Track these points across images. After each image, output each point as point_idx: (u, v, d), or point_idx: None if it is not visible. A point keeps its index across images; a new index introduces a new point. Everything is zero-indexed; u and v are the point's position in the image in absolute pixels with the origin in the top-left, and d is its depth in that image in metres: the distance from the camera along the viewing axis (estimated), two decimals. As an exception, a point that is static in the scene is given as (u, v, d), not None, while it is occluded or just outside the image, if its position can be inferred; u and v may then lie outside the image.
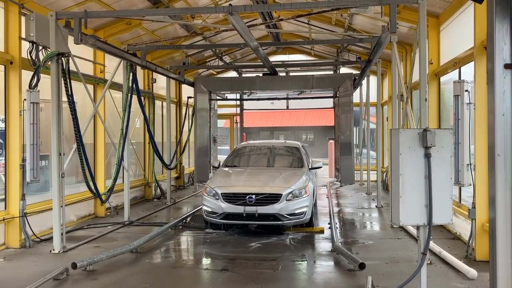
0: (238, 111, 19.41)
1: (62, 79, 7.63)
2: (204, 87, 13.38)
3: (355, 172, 16.20)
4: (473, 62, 7.08)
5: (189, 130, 15.65)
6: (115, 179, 9.75)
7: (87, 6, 8.93)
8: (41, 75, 7.56)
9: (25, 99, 7.42)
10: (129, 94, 10.01)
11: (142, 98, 10.96)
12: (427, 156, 4.58)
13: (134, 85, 10.12)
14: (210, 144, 13.78)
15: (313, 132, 40.75)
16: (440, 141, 4.63)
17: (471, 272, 6.01)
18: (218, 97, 16.22)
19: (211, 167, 10.98)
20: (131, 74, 10.05)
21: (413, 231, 8.30)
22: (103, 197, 9.57)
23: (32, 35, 7.34)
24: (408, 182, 4.59)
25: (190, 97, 15.28)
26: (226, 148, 20.66)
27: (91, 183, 8.68)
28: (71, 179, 10.51)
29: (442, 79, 9.55)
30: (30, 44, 7.40)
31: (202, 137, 13.53)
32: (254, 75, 17.59)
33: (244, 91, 15.47)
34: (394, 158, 4.68)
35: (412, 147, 4.62)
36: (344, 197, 13.77)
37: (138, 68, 11.09)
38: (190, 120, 15.40)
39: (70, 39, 7.72)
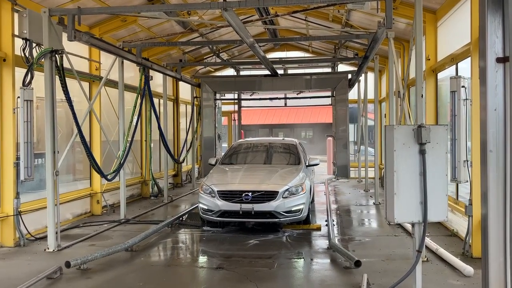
0: (236, 109, 19.35)
1: (57, 76, 7.58)
2: (209, 87, 14.48)
3: (354, 169, 16.33)
4: (469, 58, 7.02)
5: (195, 129, 16.09)
6: (120, 164, 9.76)
7: (81, 3, 8.85)
8: (37, 72, 7.50)
9: (18, 97, 7.37)
10: (141, 95, 10.82)
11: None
12: (422, 152, 4.53)
13: (146, 87, 11.00)
14: (215, 140, 14.66)
15: (312, 129, 40.70)
16: (435, 138, 4.57)
17: (468, 269, 5.97)
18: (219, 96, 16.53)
19: (208, 164, 11.01)
20: (143, 76, 10.81)
21: (410, 228, 8.25)
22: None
23: (25, 32, 7.28)
24: (402, 179, 4.53)
25: (196, 97, 16.00)
26: (224, 145, 20.63)
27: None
28: (68, 177, 10.47)
29: (440, 75, 9.49)
30: (24, 41, 7.33)
31: (208, 134, 14.60)
32: (252, 72, 17.64)
33: (247, 91, 16.02)
34: (389, 154, 4.63)
35: (406, 144, 4.56)
36: (342, 194, 13.73)
37: (134, 65, 11.07)
38: (196, 119, 16.04)
39: (64, 36, 7.66)
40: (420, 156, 4.54)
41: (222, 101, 17.83)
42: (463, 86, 6.53)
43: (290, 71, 17.54)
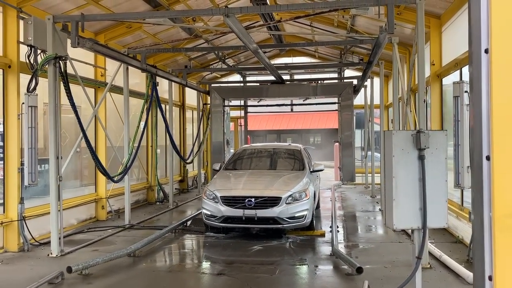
0: (243, 114, 19.39)
1: (62, 82, 7.64)
2: (218, 94, 14.77)
3: (361, 175, 16.26)
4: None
5: (203, 134, 16.42)
6: (127, 167, 9.81)
7: (87, 10, 8.94)
8: (43, 79, 7.57)
9: (23, 103, 7.44)
10: (149, 101, 11.05)
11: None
12: (421, 158, 4.48)
13: (154, 94, 11.21)
14: (224, 146, 14.87)
15: (320, 135, 40.58)
16: (434, 143, 4.51)
17: (471, 276, 5.88)
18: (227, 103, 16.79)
19: (213, 170, 11.05)
20: (151, 83, 11.03)
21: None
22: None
23: (30, 38, 7.35)
24: (401, 185, 4.48)
25: (206, 104, 16.46)
26: (232, 151, 20.70)
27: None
28: (75, 183, 10.54)
29: (446, 80, 9.42)
30: (28, 47, 7.41)
31: (216, 140, 14.82)
32: (258, 78, 17.67)
33: (254, 98, 16.25)
34: (387, 160, 4.58)
35: (405, 149, 4.51)
36: (348, 200, 13.65)
37: (139, 71, 11.14)
38: (204, 125, 16.38)
39: (69, 43, 7.72)
40: (419, 161, 4.49)
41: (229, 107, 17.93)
42: (466, 91, 6.48)
43: (296, 76, 17.56)
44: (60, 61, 7.51)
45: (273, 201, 8.43)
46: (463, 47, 7.77)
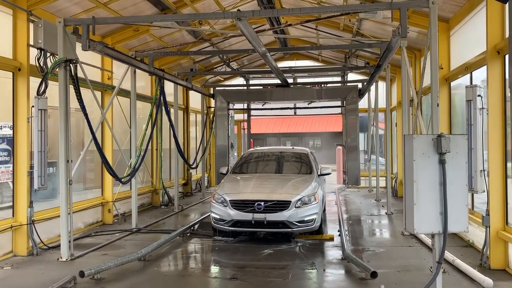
0: (246, 117, 19.37)
1: (72, 85, 7.61)
2: (223, 98, 14.90)
3: (365, 178, 16.28)
4: (485, 66, 6.96)
5: (207, 137, 16.49)
6: (134, 169, 9.79)
7: (95, 13, 8.92)
8: (49, 82, 7.53)
9: (33, 106, 7.40)
10: (157, 104, 11.18)
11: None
12: (442, 162, 4.48)
13: (162, 97, 11.22)
14: (228, 149, 15.06)
15: (320, 138, 40.61)
16: (454, 147, 4.52)
17: (487, 281, 5.86)
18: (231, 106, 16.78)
19: (219, 174, 11.03)
20: (159, 87, 11.12)
21: (425, 238, 8.16)
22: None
23: (40, 42, 7.32)
24: (422, 189, 4.48)
25: (210, 107, 16.64)
26: (234, 154, 20.69)
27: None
28: (79, 186, 10.47)
29: (452, 84, 9.43)
30: (38, 51, 7.37)
31: (221, 143, 15.01)
32: (261, 81, 17.69)
33: (259, 101, 16.31)
34: (408, 164, 4.58)
35: (426, 153, 4.51)
36: (353, 204, 13.63)
37: (145, 75, 11.13)
38: (209, 128, 16.54)
39: (78, 46, 7.69)
40: (440, 166, 4.49)
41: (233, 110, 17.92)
42: (479, 95, 6.48)
43: (299, 80, 17.57)
44: (71, 65, 7.48)
45: (283, 205, 8.40)
46: (474, 51, 7.78)
